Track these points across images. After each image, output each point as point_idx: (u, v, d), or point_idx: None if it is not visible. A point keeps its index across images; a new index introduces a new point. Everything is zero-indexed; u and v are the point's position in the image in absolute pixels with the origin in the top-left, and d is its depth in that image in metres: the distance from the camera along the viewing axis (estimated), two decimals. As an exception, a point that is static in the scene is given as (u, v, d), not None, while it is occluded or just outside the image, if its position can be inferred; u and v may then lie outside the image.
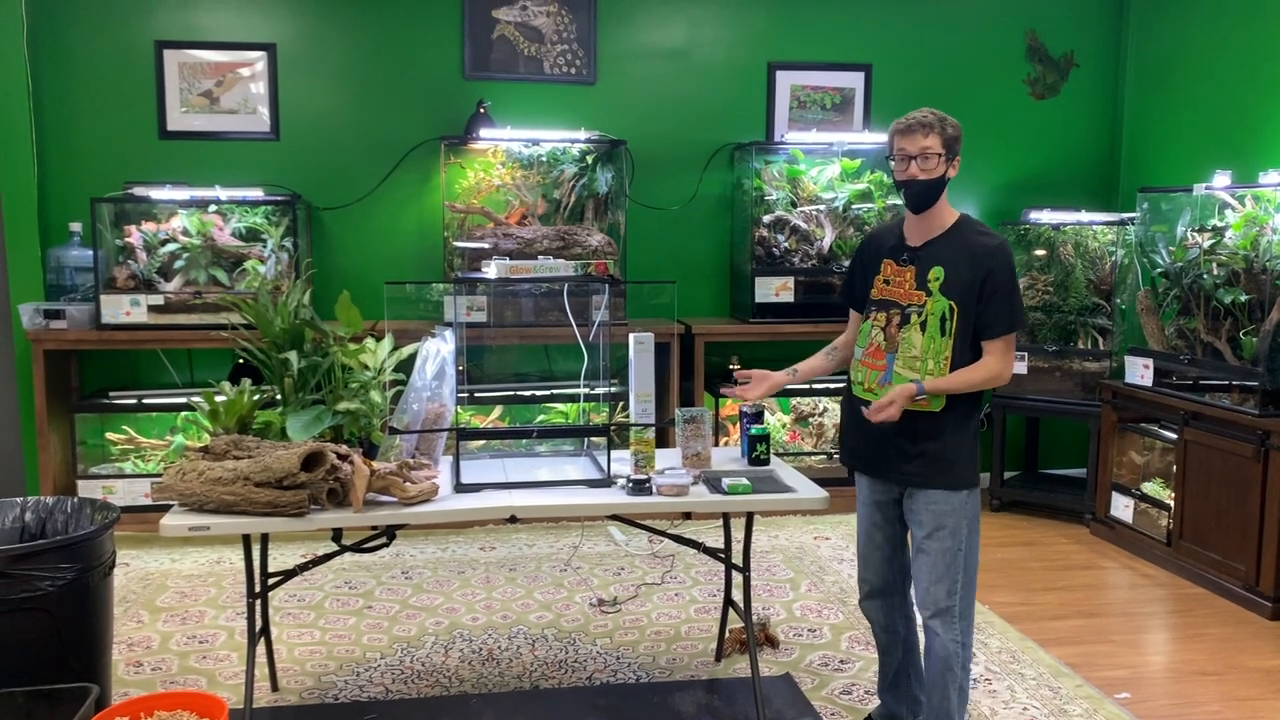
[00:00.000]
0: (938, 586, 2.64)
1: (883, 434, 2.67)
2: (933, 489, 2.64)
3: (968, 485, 2.64)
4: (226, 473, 2.65)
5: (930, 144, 2.59)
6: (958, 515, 2.63)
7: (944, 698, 2.66)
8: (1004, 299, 2.58)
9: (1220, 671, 3.45)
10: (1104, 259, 5.11)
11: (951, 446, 2.63)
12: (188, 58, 4.98)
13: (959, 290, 2.59)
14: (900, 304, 2.67)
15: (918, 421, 2.63)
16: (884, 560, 2.82)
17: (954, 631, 2.64)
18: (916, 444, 2.64)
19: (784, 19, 5.39)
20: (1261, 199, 4.19)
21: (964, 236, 2.63)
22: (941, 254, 2.63)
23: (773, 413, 5.34)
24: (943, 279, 2.60)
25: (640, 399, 3.09)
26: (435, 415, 3.04)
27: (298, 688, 3.24)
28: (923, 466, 2.64)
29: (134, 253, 4.72)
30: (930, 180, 2.61)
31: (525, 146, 5.04)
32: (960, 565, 2.63)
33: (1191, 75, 5.15)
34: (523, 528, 4.83)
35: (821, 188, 5.25)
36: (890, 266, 2.71)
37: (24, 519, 3.00)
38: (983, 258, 2.58)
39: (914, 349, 2.63)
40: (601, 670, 3.37)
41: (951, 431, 2.63)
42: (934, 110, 2.63)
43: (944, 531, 2.63)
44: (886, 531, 2.81)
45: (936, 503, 2.64)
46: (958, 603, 2.63)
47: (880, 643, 2.92)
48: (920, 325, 2.63)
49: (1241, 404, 4.14)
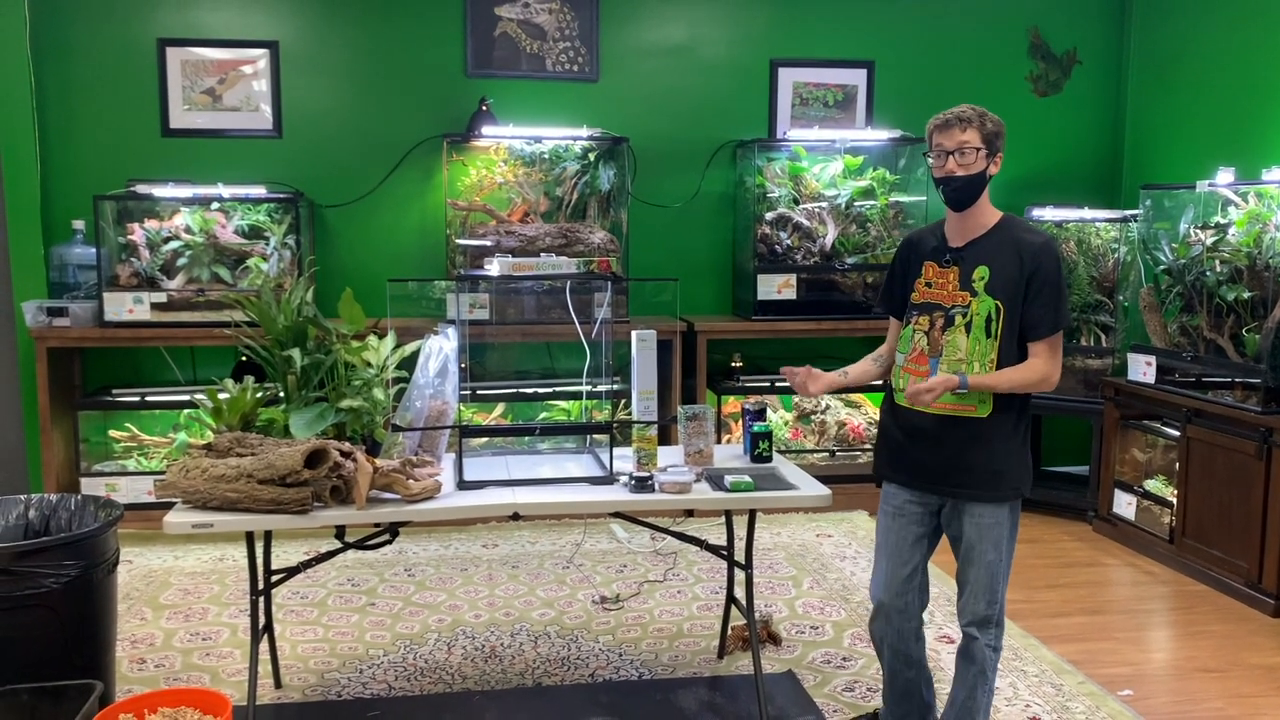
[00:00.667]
0: (979, 598, 2.59)
1: (928, 442, 2.60)
2: (980, 503, 2.57)
3: (1015, 496, 2.58)
4: (230, 470, 2.66)
5: (968, 138, 2.52)
6: (1002, 528, 2.57)
7: (971, 698, 2.63)
8: (1051, 298, 2.50)
9: (1223, 668, 3.45)
10: (1107, 256, 5.11)
11: (1000, 456, 2.55)
12: (190, 55, 4.98)
13: (1005, 290, 2.51)
14: (944, 306, 2.59)
15: (964, 428, 2.55)
16: (905, 580, 2.68)
17: (990, 637, 2.61)
18: (964, 454, 2.56)
19: (786, 16, 5.38)
20: (1265, 196, 4.18)
21: (1009, 234, 2.55)
22: (986, 253, 2.55)
23: (775, 410, 5.34)
24: (988, 278, 2.53)
25: (642, 396, 3.09)
26: (438, 413, 3.04)
27: (301, 685, 3.24)
28: (971, 478, 2.56)
29: (137, 250, 4.73)
30: (969, 176, 2.52)
31: (527, 144, 5.04)
32: (1003, 576, 2.59)
33: (1194, 72, 5.14)
34: (525, 525, 4.83)
35: (824, 185, 5.24)
36: (932, 269, 2.63)
37: (28, 516, 3.01)
38: (1029, 256, 2.50)
39: (959, 352, 2.56)
40: (604, 667, 3.37)
41: (1000, 440, 2.55)
42: (974, 106, 2.56)
43: (989, 545, 2.57)
44: (916, 546, 2.68)
45: (983, 516, 2.57)
46: (996, 612, 2.60)
47: (890, 665, 2.78)
48: (965, 327, 2.55)
49: (1244, 401, 4.14)
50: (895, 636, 2.71)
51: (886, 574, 2.70)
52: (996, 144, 2.55)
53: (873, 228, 5.23)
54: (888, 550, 2.71)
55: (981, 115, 2.54)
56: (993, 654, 2.62)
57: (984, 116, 2.54)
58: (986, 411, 2.54)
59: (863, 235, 5.23)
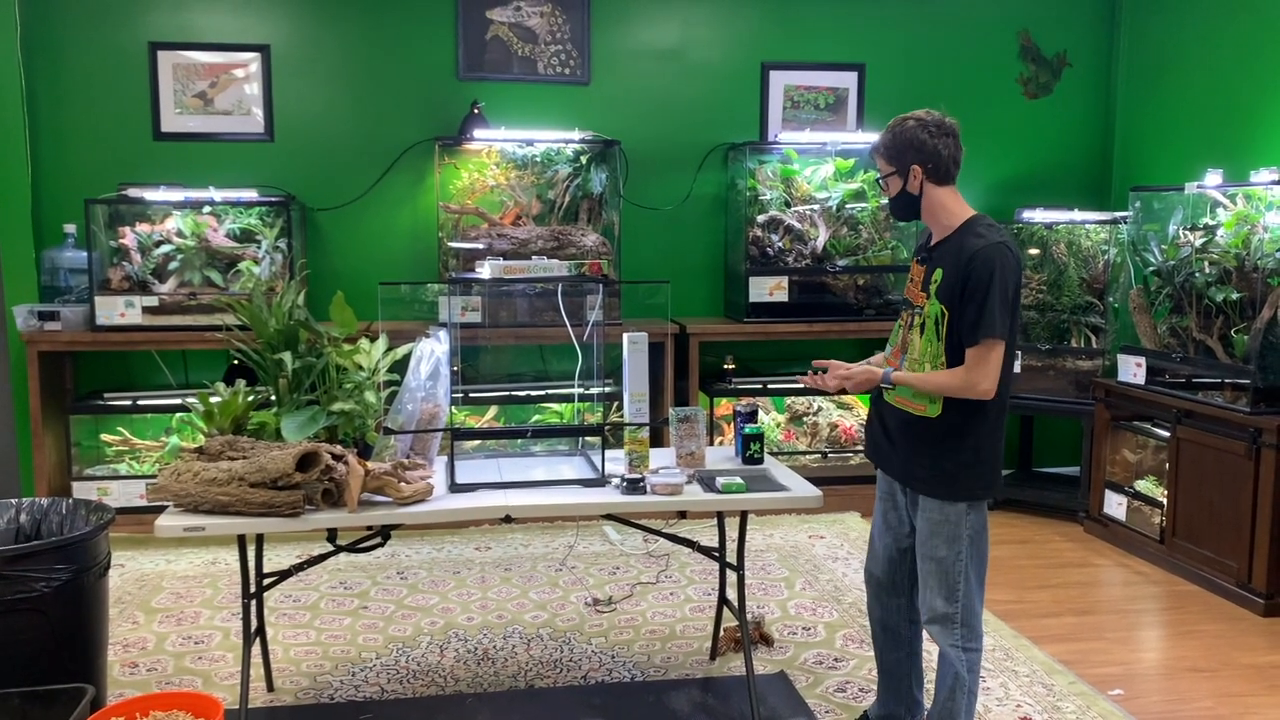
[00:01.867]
0: (934, 594, 2.62)
1: (891, 437, 2.69)
2: (930, 498, 2.61)
3: (969, 498, 2.58)
4: (221, 473, 2.66)
5: (880, 166, 2.66)
6: (955, 526, 2.58)
7: (951, 699, 2.64)
8: (977, 303, 2.48)
9: (1213, 668, 3.46)
10: (1097, 258, 5.13)
11: (949, 456, 2.57)
12: (182, 59, 4.98)
13: (947, 293, 2.54)
14: (914, 305, 2.67)
15: (916, 425, 2.61)
16: (889, 557, 2.80)
17: (953, 638, 2.61)
18: (916, 451, 2.62)
19: (777, 19, 5.40)
20: (1253, 197, 4.20)
21: (962, 238, 2.57)
22: (944, 255, 2.58)
23: (767, 412, 5.36)
24: (939, 281, 2.57)
25: (634, 398, 3.09)
26: (430, 415, 3.05)
27: (293, 688, 3.24)
28: (921, 474, 2.62)
29: (128, 254, 4.72)
30: (892, 199, 2.67)
31: (519, 147, 5.05)
32: (961, 574, 2.59)
33: (1183, 74, 5.17)
34: (518, 527, 4.83)
35: (815, 187, 5.26)
36: (914, 266, 2.71)
37: (19, 520, 3.01)
38: (966, 259, 2.50)
39: (915, 351, 2.63)
40: (597, 669, 3.38)
41: (950, 440, 2.57)
42: (888, 126, 2.63)
43: (939, 540, 2.60)
44: (896, 529, 2.77)
45: (932, 510, 2.61)
46: (958, 610, 2.60)
47: (877, 640, 2.89)
48: (920, 327, 2.62)
49: (1233, 402, 4.16)
50: (883, 611, 2.85)
51: (876, 549, 2.84)
52: (907, 158, 2.59)
53: (864, 230, 5.25)
54: (878, 529, 2.84)
55: (881, 142, 2.64)
56: (963, 655, 2.61)
57: (883, 142, 2.63)
58: (935, 412, 2.58)
59: (854, 238, 5.24)
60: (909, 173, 2.60)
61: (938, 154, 2.58)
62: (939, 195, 2.61)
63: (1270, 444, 3.87)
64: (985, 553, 2.65)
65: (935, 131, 2.58)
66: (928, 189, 2.60)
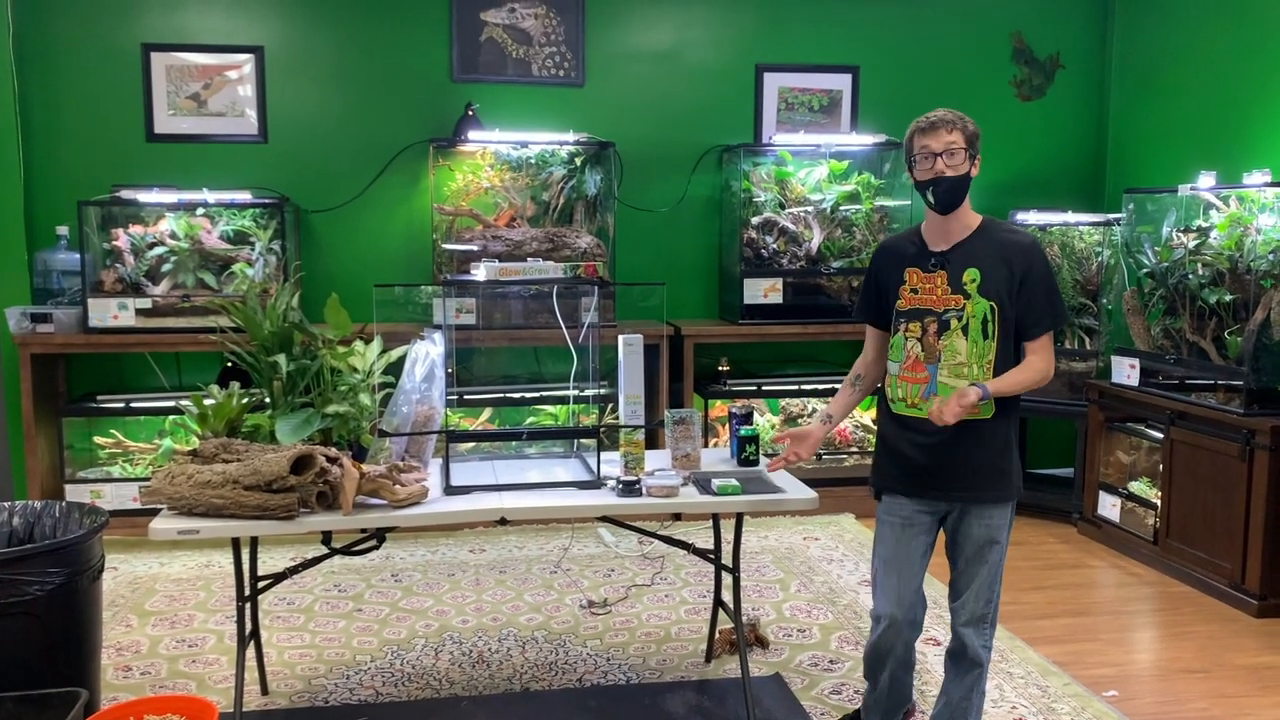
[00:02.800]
0: (979, 598, 2.62)
1: (935, 449, 2.59)
2: (986, 504, 2.59)
3: (1017, 496, 2.63)
4: (215, 476, 2.65)
5: (954, 140, 2.53)
6: (1005, 529, 2.62)
7: (966, 698, 2.65)
8: (1046, 296, 2.55)
9: (1207, 669, 3.47)
10: (1090, 259, 5.14)
11: (1004, 456, 2.59)
12: (175, 60, 4.97)
13: (998, 290, 2.53)
14: (935, 311, 2.59)
15: (971, 431, 2.56)
16: (915, 591, 2.64)
17: (985, 638, 2.64)
18: (971, 456, 2.57)
19: (771, 21, 5.40)
20: (1246, 199, 4.22)
21: (994, 236, 2.58)
22: (974, 255, 2.56)
23: (762, 414, 5.36)
24: (980, 280, 2.54)
25: (629, 401, 3.09)
26: (425, 418, 3.04)
27: (288, 691, 3.23)
28: (980, 480, 2.58)
29: (121, 256, 4.71)
30: (957, 177, 2.54)
31: (514, 149, 5.05)
32: (1000, 575, 2.63)
33: (1176, 77, 5.19)
34: (512, 530, 4.83)
35: (809, 189, 5.26)
36: (916, 274, 2.62)
37: (12, 523, 3.00)
38: (1019, 256, 2.54)
39: (958, 355, 2.56)
40: (592, 672, 3.37)
41: (1002, 440, 2.59)
42: (953, 110, 2.59)
43: (995, 546, 2.60)
44: (924, 558, 2.66)
45: (991, 518, 2.59)
46: (991, 610, 2.64)
47: (891, 676, 2.71)
48: (962, 330, 2.56)
49: (1227, 403, 4.17)
50: (904, 649, 2.67)
51: (898, 589, 2.63)
52: (977, 145, 2.58)
53: (858, 232, 5.25)
54: (898, 564, 2.64)
55: (963, 118, 2.58)
56: (987, 654, 2.65)
57: (964, 119, 2.58)
58: (990, 413, 2.57)
59: (848, 239, 5.25)
60: (975, 160, 2.58)
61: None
62: (969, 194, 2.62)
63: (1263, 445, 3.88)
64: None
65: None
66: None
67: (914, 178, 2.60)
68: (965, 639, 2.65)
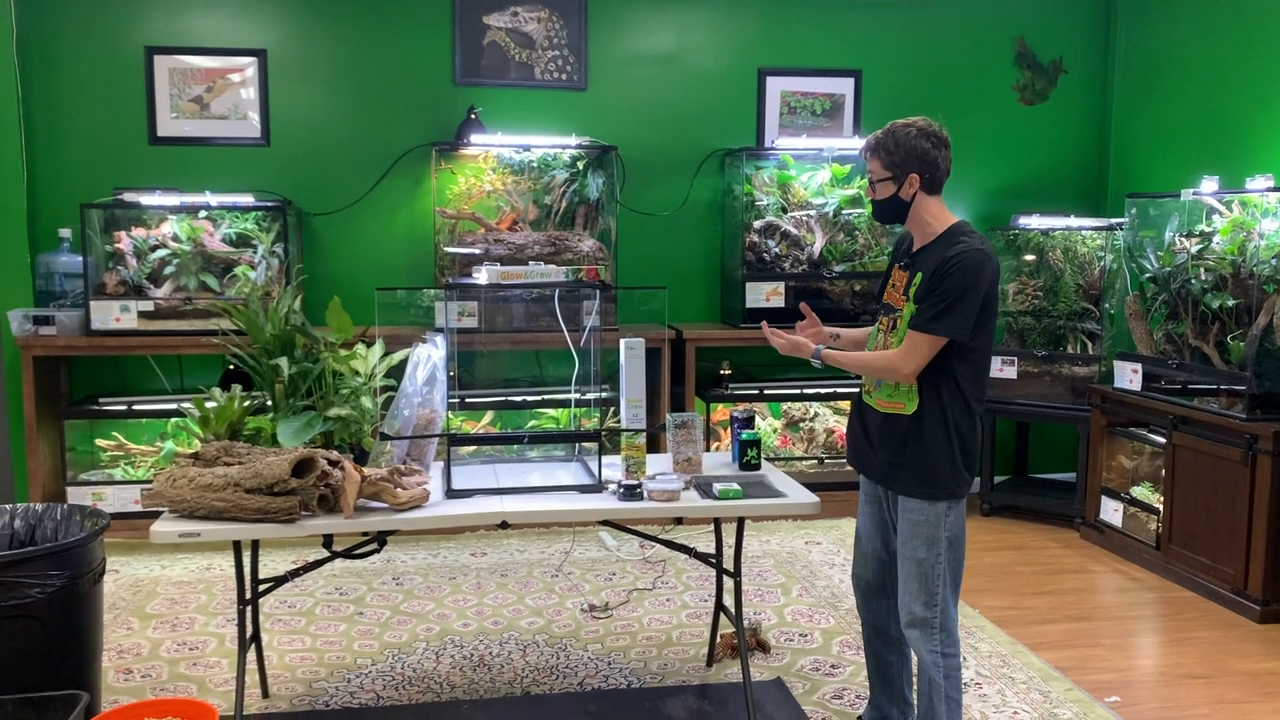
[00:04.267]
0: (913, 597, 2.62)
1: (872, 438, 2.70)
2: (911, 497, 2.62)
3: (948, 496, 2.59)
4: (217, 479, 2.65)
5: (873, 168, 2.63)
6: (935, 527, 2.59)
7: (930, 706, 2.64)
8: (940, 299, 2.51)
9: (1209, 674, 3.46)
10: (1093, 264, 5.14)
11: (930, 453, 2.58)
12: (178, 63, 4.98)
13: (923, 295, 2.56)
14: (896, 308, 2.68)
15: (892, 423, 2.63)
16: (878, 559, 2.80)
17: (933, 643, 2.61)
18: (897, 449, 2.63)
19: (774, 25, 5.41)
20: (1248, 204, 4.21)
21: (943, 245, 2.58)
22: (925, 260, 2.61)
23: (763, 418, 5.35)
24: (919, 284, 2.58)
25: (631, 404, 3.09)
26: (426, 421, 3.04)
27: (288, 694, 3.23)
28: (903, 473, 2.63)
29: (124, 259, 4.71)
30: (879, 201, 2.66)
31: (516, 152, 5.05)
32: (940, 577, 2.60)
33: (1179, 81, 5.18)
34: (514, 533, 4.83)
35: (812, 193, 5.26)
36: (897, 271, 2.72)
37: (13, 526, 3.00)
38: (942, 263, 2.53)
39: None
40: (593, 676, 3.37)
41: (930, 437, 2.58)
42: (880, 132, 2.61)
43: (919, 542, 2.60)
44: (881, 532, 2.80)
45: (913, 511, 2.62)
46: (937, 615, 2.60)
47: (869, 643, 2.90)
48: (894, 329, 2.65)
49: (1229, 408, 4.16)
50: (873, 615, 2.86)
51: (863, 552, 2.85)
52: (908, 167, 2.58)
53: (860, 236, 5.25)
54: (863, 532, 2.86)
55: (881, 144, 2.60)
56: (941, 661, 2.61)
57: (884, 145, 2.60)
58: (912, 409, 2.60)
59: (850, 243, 5.25)
60: (905, 180, 2.60)
61: (936, 165, 2.61)
62: (928, 204, 2.63)
63: (1266, 450, 3.87)
64: (962, 557, 2.66)
65: (936, 143, 2.60)
66: (919, 197, 2.62)
67: None
68: (910, 641, 2.67)
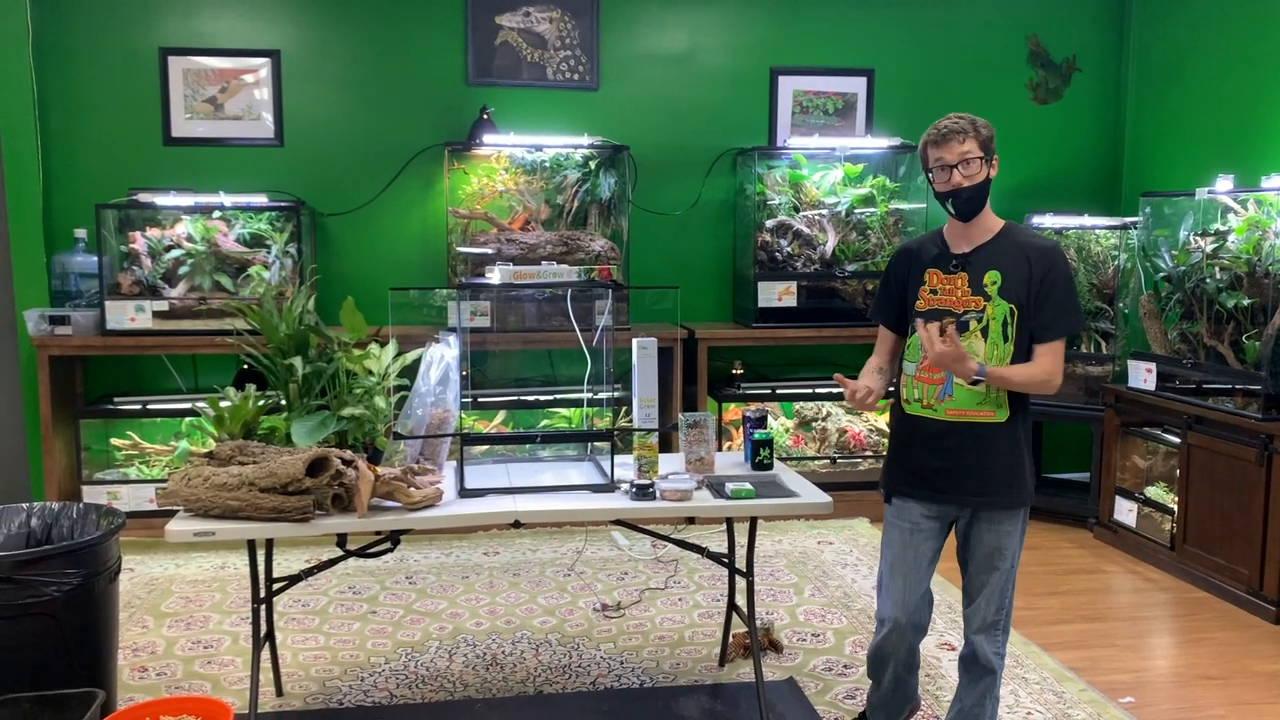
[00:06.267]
0: (990, 605, 2.61)
1: (948, 450, 2.57)
2: (998, 510, 2.57)
3: (1029, 502, 2.61)
4: (231, 478, 2.66)
5: (968, 149, 2.50)
6: (1019, 535, 2.60)
7: (979, 704, 2.64)
8: (1062, 299, 2.52)
9: (1224, 675, 3.44)
10: (1107, 263, 5.12)
11: (1017, 461, 2.56)
12: (192, 64, 5.00)
13: (1018, 293, 2.52)
14: (955, 312, 2.58)
15: (985, 434, 2.55)
16: (921, 597, 2.65)
17: (997, 644, 2.63)
18: (983, 460, 2.55)
19: (786, 24, 5.40)
20: (1264, 203, 4.19)
21: (1015, 239, 2.57)
22: (996, 258, 2.55)
23: (776, 417, 5.35)
24: (1000, 283, 2.53)
25: (643, 404, 3.09)
26: (439, 420, 3.05)
27: (302, 693, 3.24)
28: (993, 485, 2.56)
29: (139, 259, 4.74)
30: (975, 185, 2.52)
31: (528, 152, 5.06)
32: (1012, 582, 2.62)
33: (1194, 79, 5.16)
34: (526, 533, 4.83)
35: (824, 193, 5.25)
36: (937, 276, 2.61)
37: (30, 524, 3.02)
38: (1038, 259, 2.52)
39: (976, 356, 2.54)
40: (605, 675, 3.37)
41: (1016, 445, 2.56)
42: (963, 115, 2.55)
43: (1006, 552, 2.58)
44: (932, 563, 2.65)
45: (1001, 524, 2.57)
46: (1004, 617, 2.62)
47: (894, 678, 2.75)
48: (981, 331, 2.55)
49: (1245, 408, 4.14)
50: (906, 652, 2.70)
51: (903, 592, 2.64)
52: (992, 147, 2.55)
53: (873, 235, 5.24)
54: (904, 569, 2.64)
55: (974, 123, 2.54)
56: (1000, 661, 2.64)
57: (976, 124, 2.54)
58: (1005, 416, 2.55)
59: (863, 243, 5.24)
60: (993, 161, 2.55)
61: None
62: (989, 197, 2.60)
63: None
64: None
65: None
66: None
67: (933, 188, 2.59)
68: (977, 646, 2.64)
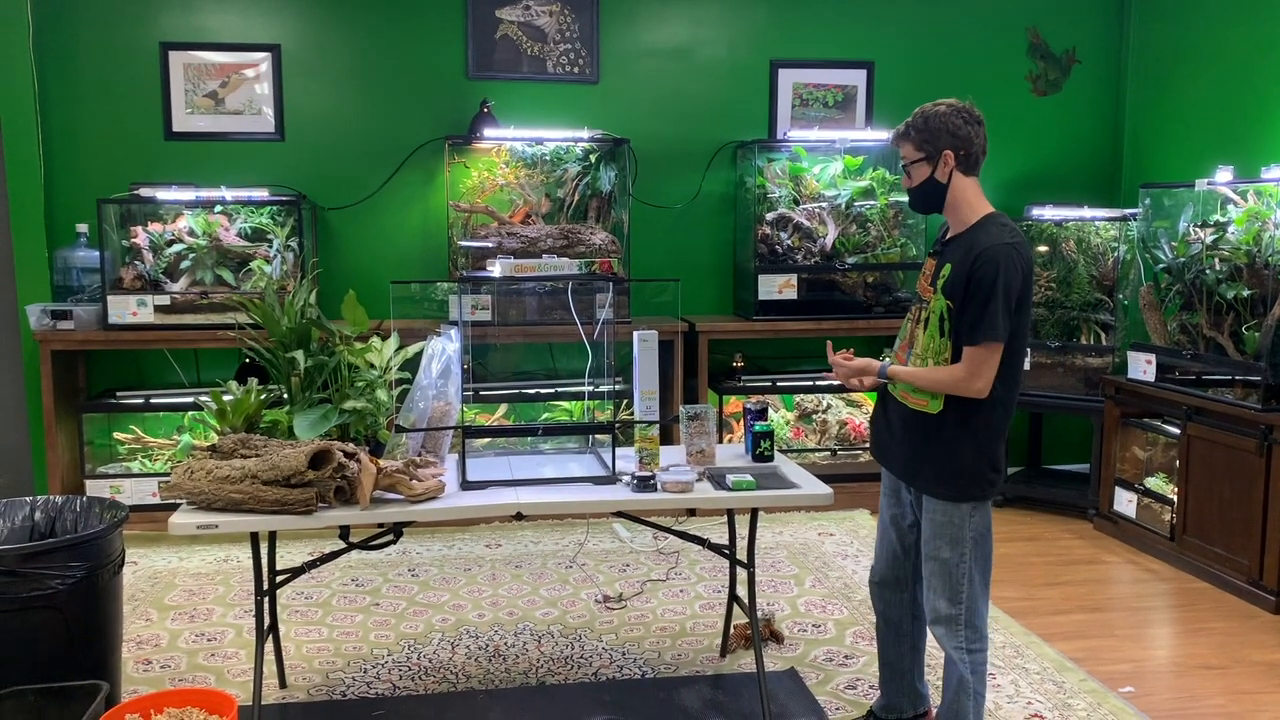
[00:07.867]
0: (937, 595, 2.61)
1: (896, 434, 2.67)
2: (934, 498, 2.59)
3: (972, 499, 2.55)
4: (234, 471, 2.67)
5: (905, 153, 2.57)
6: (959, 528, 2.56)
7: (955, 702, 2.64)
8: (978, 303, 2.44)
9: (1224, 665, 3.46)
10: (1106, 255, 5.12)
11: (953, 454, 2.54)
12: (193, 59, 5.00)
13: (953, 290, 2.50)
14: (923, 299, 2.63)
15: (918, 421, 2.59)
16: (893, 552, 2.81)
17: (958, 639, 2.59)
18: (920, 448, 2.59)
19: (786, 17, 5.40)
20: (1264, 194, 4.19)
21: (976, 235, 2.51)
22: (958, 252, 2.54)
23: (776, 410, 5.36)
24: (947, 276, 2.53)
25: (644, 396, 3.10)
26: (441, 413, 3.06)
27: (306, 685, 3.26)
28: (925, 472, 2.60)
29: (140, 253, 4.75)
30: (916, 187, 2.60)
31: (529, 146, 5.06)
32: (965, 576, 2.57)
33: (1193, 71, 5.15)
34: (528, 525, 4.85)
35: (824, 185, 5.26)
36: (929, 260, 2.68)
37: (34, 518, 3.03)
38: (977, 259, 2.45)
39: (919, 346, 2.59)
40: (607, 666, 3.39)
41: (953, 438, 2.54)
42: (916, 112, 2.56)
43: (943, 542, 2.58)
44: (900, 525, 2.78)
45: (936, 512, 2.59)
46: (962, 612, 2.58)
47: (880, 633, 2.90)
48: (924, 322, 2.59)
49: (1244, 399, 4.15)
50: (885, 606, 2.87)
51: (882, 548, 2.85)
52: (940, 143, 2.53)
53: (873, 228, 5.24)
54: (882, 527, 2.86)
55: (910, 126, 2.56)
56: (967, 657, 2.59)
57: (913, 126, 2.55)
58: (937, 408, 2.56)
59: (863, 235, 5.24)
60: (940, 159, 2.53)
61: (970, 141, 2.54)
62: (964, 186, 2.56)
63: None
64: (989, 554, 2.62)
65: (968, 119, 2.54)
66: (955, 178, 2.55)
67: None
68: (938, 638, 2.64)
